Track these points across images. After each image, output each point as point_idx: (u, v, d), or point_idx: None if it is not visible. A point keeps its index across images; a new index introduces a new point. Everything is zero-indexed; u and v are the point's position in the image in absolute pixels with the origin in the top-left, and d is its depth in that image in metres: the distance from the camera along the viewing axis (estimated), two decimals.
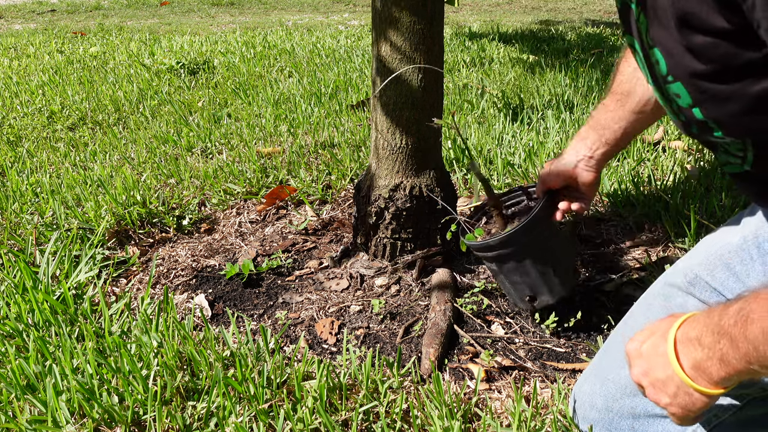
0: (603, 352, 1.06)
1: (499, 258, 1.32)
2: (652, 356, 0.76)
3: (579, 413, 1.06)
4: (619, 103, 1.20)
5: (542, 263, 1.31)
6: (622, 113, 1.20)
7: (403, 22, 1.38)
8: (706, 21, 0.69)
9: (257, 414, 1.12)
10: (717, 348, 0.67)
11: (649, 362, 0.77)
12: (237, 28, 5.96)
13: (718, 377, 0.68)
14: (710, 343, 0.68)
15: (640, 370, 0.78)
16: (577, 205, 1.31)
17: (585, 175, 1.26)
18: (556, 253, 1.35)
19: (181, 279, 1.69)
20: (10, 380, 1.20)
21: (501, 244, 1.28)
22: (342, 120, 2.81)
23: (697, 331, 0.70)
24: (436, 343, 1.33)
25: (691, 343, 0.71)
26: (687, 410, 0.73)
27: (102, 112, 3.14)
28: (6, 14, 7.59)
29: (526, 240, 1.27)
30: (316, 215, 1.97)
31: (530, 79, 3.33)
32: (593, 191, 1.30)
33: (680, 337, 0.73)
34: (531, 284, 1.33)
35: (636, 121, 1.20)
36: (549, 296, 1.34)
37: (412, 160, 1.52)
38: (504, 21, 6.03)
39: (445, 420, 1.10)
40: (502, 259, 1.32)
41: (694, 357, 0.70)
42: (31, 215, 1.95)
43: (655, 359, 0.75)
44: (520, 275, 1.33)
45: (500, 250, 1.29)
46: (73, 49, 4.88)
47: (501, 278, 1.37)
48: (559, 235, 1.38)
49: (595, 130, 1.24)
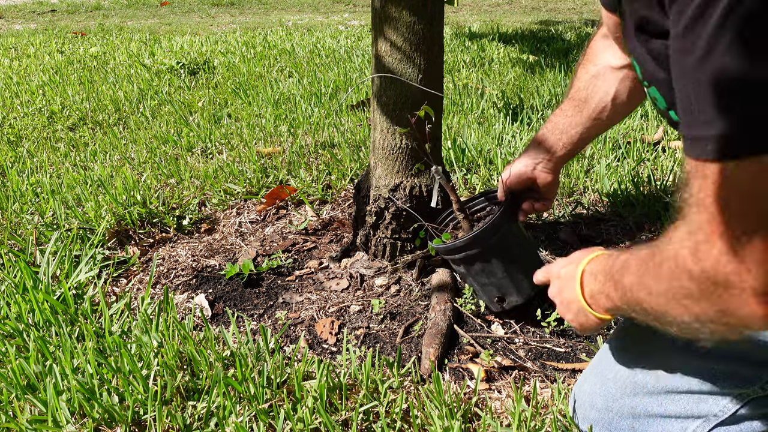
0: (603, 351, 1.06)
1: (466, 260, 1.35)
2: (566, 280, 0.93)
3: (579, 413, 1.06)
4: (576, 109, 1.26)
5: (508, 263, 1.33)
6: (580, 119, 1.26)
7: (403, 22, 1.38)
8: (656, 23, 0.69)
9: (257, 414, 1.13)
10: (606, 286, 0.82)
11: (562, 284, 0.94)
12: (237, 28, 5.97)
13: (605, 307, 0.84)
14: (602, 280, 0.83)
15: (555, 289, 0.97)
16: (540, 204, 1.36)
17: (544, 176, 1.32)
18: (521, 253, 1.37)
19: (181, 279, 1.69)
20: (11, 380, 1.20)
21: (466, 245, 1.31)
22: (342, 120, 2.81)
23: (597, 269, 0.86)
24: (436, 343, 1.34)
25: (592, 276, 0.87)
26: (584, 327, 0.92)
27: (102, 112, 3.14)
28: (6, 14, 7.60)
29: (491, 241, 1.30)
30: (316, 215, 1.97)
31: (530, 79, 3.33)
32: (554, 192, 1.36)
33: (587, 269, 0.88)
34: (498, 285, 1.36)
35: (592, 126, 1.26)
36: (517, 296, 1.36)
37: (412, 160, 1.52)
38: (504, 21, 6.03)
39: (445, 420, 1.10)
40: (469, 261, 1.35)
41: (591, 288, 0.87)
42: (31, 215, 1.95)
43: (567, 283, 0.92)
44: (487, 276, 1.35)
45: (466, 252, 1.32)
46: (74, 49, 4.89)
47: (470, 280, 1.40)
48: (522, 235, 1.40)
49: (553, 134, 1.29)
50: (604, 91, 1.22)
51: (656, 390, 0.94)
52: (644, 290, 0.71)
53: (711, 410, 0.91)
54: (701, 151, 0.57)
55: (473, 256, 1.33)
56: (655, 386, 0.94)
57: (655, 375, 0.94)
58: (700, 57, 0.55)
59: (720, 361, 0.89)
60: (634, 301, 0.75)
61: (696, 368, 0.91)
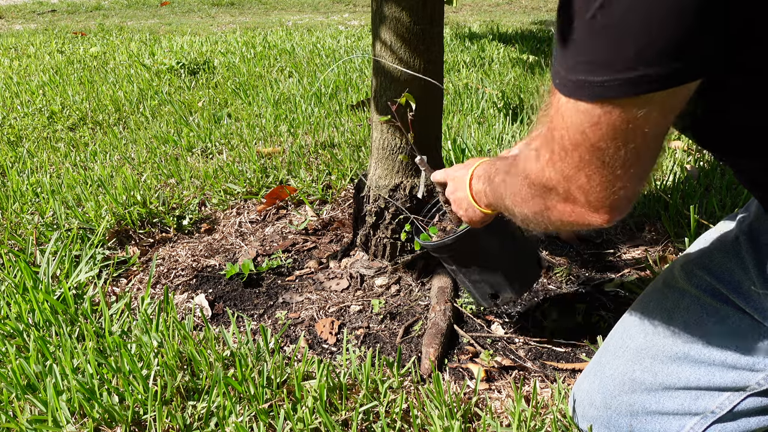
0: (602, 350, 1.06)
1: (456, 257, 1.27)
2: (459, 181, 1.08)
3: (578, 412, 1.06)
4: None
5: (502, 258, 1.28)
6: None
7: (403, 22, 1.38)
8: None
9: (257, 414, 1.13)
10: (486, 185, 0.98)
11: (456, 184, 1.09)
12: (237, 28, 5.97)
13: (486, 203, 1.00)
14: (484, 180, 0.99)
15: (451, 188, 1.11)
16: None
17: None
18: (515, 247, 1.32)
19: (181, 279, 1.69)
20: (11, 380, 1.20)
21: (458, 241, 1.22)
22: (342, 120, 2.81)
23: (482, 172, 1.00)
24: (436, 343, 1.34)
25: (478, 178, 1.01)
26: (472, 220, 1.07)
27: (102, 112, 3.14)
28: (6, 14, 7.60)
29: (484, 235, 1.21)
30: (316, 215, 1.97)
31: (530, 79, 3.33)
32: None
33: (475, 172, 1.03)
34: (492, 281, 1.29)
35: None
36: (511, 292, 1.30)
37: (412, 161, 1.52)
38: (504, 21, 6.03)
39: (445, 420, 1.10)
40: (459, 258, 1.28)
41: (476, 187, 1.02)
42: (31, 215, 1.95)
43: (460, 183, 1.07)
44: (480, 273, 1.28)
45: (455, 249, 1.24)
46: (74, 49, 4.89)
47: (461, 277, 1.33)
48: (516, 228, 1.31)
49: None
50: None
51: (654, 387, 0.95)
52: (505, 188, 0.88)
53: (708, 407, 0.91)
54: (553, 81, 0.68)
55: (463, 252, 1.25)
56: (652, 383, 0.95)
57: (653, 372, 0.95)
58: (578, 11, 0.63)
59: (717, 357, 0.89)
60: (499, 196, 0.91)
61: (694, 364, 0.91)
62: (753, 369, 0.87)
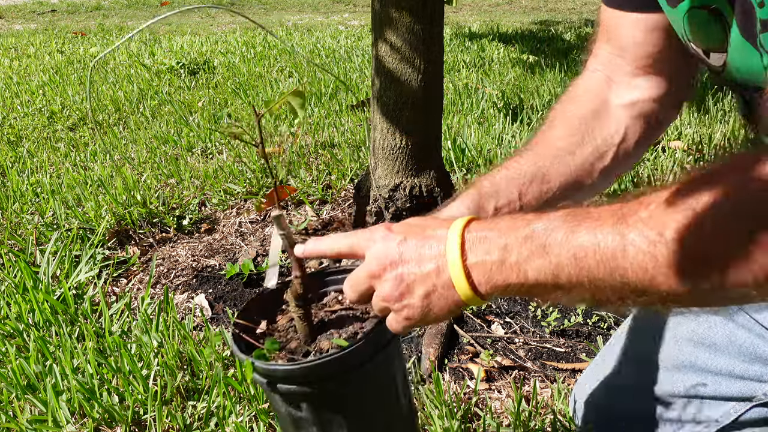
0: (603, 352, 1.06)
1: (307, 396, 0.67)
2: (420, 246, 0.62)
3: (578, 413, 1.06)
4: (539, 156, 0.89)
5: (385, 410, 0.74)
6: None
7: (403, 22, 1.38)
8: None
9: (257, 413, 1.13)
10: (522, 253, 0.57)
11: (412, 253, 0.62)
12: (237, 28, 5.97)
13: (502, 283, 0.58)
14: (517, 245, 0.58)
15: (391, 261, 0.62)
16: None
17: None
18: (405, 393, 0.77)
19: (181, 279, 1.69)
20: (11, 380, 1.20)
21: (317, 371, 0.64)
22: (342, 120, 2.81)
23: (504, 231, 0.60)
24: (436, 343, 1.34)
25: (486, 241, 0.60)
26: (426, 317, 0.61)
27: (102, 112, 3.14)
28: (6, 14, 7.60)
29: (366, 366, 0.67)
30: (316, 215, 1.97)
31: (530, 79, 3.33)
32: None
33: (469, 235, 0.60)
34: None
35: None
36: None
37: (412, 160, 1.52)
38: (504, 21, 6.03)
39: (445, 420, 1.10)
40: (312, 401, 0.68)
41: (484, 258, 0.59)
42: (31, 215, 1.95)
43: (425, 249, 0.62)
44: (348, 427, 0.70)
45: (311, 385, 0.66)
46: (74, 49, 4.89)
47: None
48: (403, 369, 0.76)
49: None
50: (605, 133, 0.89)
51: (657, 393, 0.94)
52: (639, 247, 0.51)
53: (712, 415, 0.90)
54: None
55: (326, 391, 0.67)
56: (656, 390, 0.94)
57: (657, 378, 0.94)
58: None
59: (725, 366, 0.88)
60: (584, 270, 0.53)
61: (700, 373, 0.90)
62: (761, 380, 0.85)
